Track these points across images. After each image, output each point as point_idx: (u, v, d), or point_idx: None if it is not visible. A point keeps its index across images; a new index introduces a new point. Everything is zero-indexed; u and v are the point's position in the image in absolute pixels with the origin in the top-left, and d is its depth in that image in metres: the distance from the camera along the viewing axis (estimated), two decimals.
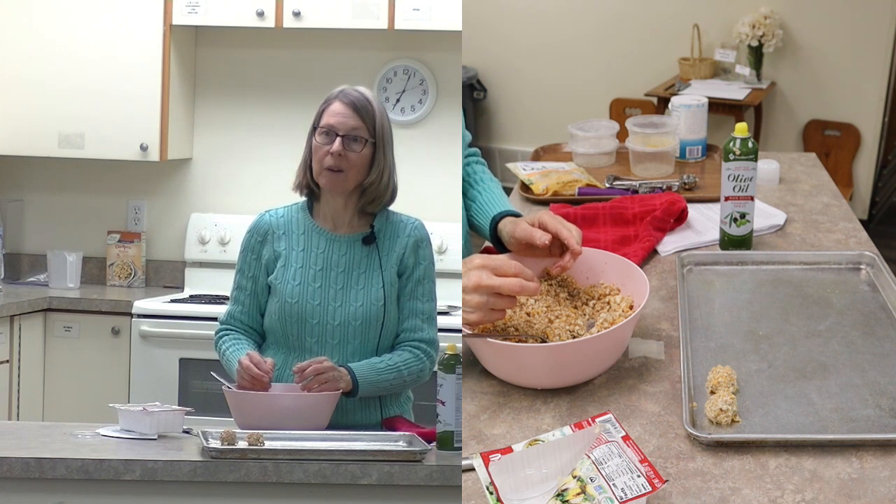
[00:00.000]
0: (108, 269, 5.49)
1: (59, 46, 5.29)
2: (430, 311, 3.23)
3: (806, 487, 2.18)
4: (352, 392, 3.11)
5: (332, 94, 3.21)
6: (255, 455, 2.83)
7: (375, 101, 3.19)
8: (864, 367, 2.62)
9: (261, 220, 3.28)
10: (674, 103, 4.43)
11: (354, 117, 3.15)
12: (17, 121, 5.33)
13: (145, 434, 3.02)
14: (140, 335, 4.95)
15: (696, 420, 2.41)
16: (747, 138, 3.31)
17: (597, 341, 2.55)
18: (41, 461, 2.79)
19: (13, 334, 4.93)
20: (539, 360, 2.54)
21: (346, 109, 3.16)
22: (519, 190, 4.05)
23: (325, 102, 3.20)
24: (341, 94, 3.18)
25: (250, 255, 3.26)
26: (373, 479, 2.82)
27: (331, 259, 3.21)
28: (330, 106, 3.18)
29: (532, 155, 4.53)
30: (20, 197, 5.62)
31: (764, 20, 7.00)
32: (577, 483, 2.09)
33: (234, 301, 3.29)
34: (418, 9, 5.08)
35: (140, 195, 5.57)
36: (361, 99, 3.17)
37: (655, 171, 4.20)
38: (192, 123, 5.51)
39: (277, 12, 5.17)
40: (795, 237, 3.54)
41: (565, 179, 4.01)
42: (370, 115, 3.16)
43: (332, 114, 3.17)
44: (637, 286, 2.75)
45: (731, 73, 7.25)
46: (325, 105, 3.20)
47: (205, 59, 5.50)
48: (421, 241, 3.24)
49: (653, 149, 4.20)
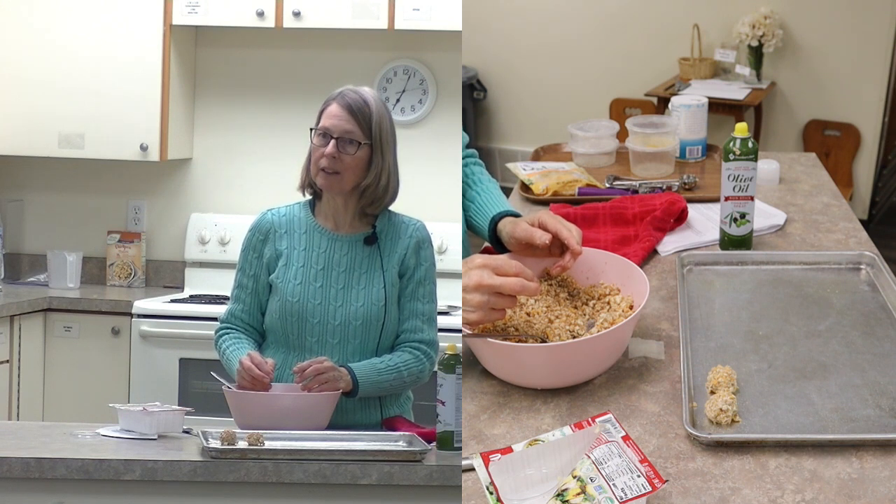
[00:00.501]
0: (108, 269, 5.49)
1: (59, 46, 5.29)
2: (430, 313, 3.24)
3: (806, 487, 2.17)
4: (352, 392, 3.11)
5: (333, 94, 3.21)
6: (255, 455, 2.83)
7: (375, 103, 3.19)
8: (864, 367, 2.62)
9: (263, 218, 3.29)
10: (674, 103, 4.43)
11: (350, 120, 3.15)
12: (17, 121, 5.33)
13: (145, 434, 3.02)
14: (140, 335, 4.95)
15: (696, 420, 2.41)
16: (747, 138, 3.31)
17: (597, 341, 2.55)
18: (41, 461, 2.79)
19: (13, 334, 4.93)
20: (539, 360, 2.54)
21: (342, 112, 3.16)
22: (519, 190, 4.05)
23: (326, 103, 3.21)
24: (340, 96, 3.19)
25: (252, 254, 3.26)
26: (373, 479, 2.82)
27: (332, 258, 3.21)
28: (328, 107, 3.19)
29: (532, 155, 4.52)
30: (20, 197, 5.62)
31: (764, 20, 7.00)
32: (577, 483, 2.09)
33: (234, 300, 3.29)
34: (418, 9, 5.08)
35: (140, 195, 5.57)
36: (358, 101, 3.17)
37: (655, 171, 4.20)
38: (192, 123, 5.51)
39: (277, 12, 5.17)
40: (795, 237, 3.54)
41: (565, 179, 4.01)
42: (366, 117, 3.16)
43: (329, 115, 3.17)
44: (637, 286, 2.75)
45: (731, 73, 7.25)
46: (325, 106, 3.20)
47: (205, 59, 5.50)
48: (422, 242, 3.24)
49: (653, 149, 4.20)
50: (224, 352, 3.24)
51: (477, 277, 2.57)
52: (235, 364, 3.15)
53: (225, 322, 3.29)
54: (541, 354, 2.54)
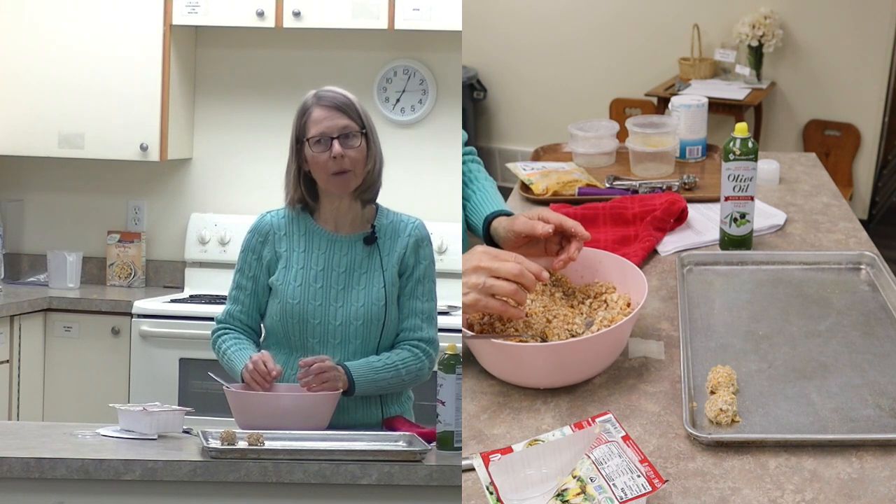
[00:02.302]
0: (108, 269, 5.49)
1: (59, 46, 5.29)
2: (429, 311, 3.24)
3: (806, 487, 2.17)
4: (348, 391, 3.11)
5: (307, 102, 3.18)
6: (255, 455, 2.83)
7: (351, 94, 3.20)
8: (864, 367, 2.62)
9: (262, 220, 3.28)
10: (674, 103, 4.43)
11: (341, 116, 3.16)
12: (17, 121, 5.33)
13: (145, 434, 3.02)
14: (140, 335, 4.95)
15: (696, 420, 2.41)
16: (747, 138, 3.31)
17: (597, 340, 2.55)
18: (41, 461, 2.79)
19: (13, 334, 4.93)
20: (540, 360, 2.54)
21: (329, 112, 3.15)
22: (519, 190, 4.05)
23: (304, 114, 3.18)
24: (318, 100, 3.17)
25: (251, 255, 3.26)
26: (373, 479, 2.82)
27: (332, 259, 3.21)
28: (311, 114, 3.17)
29: (532, 155, 4.52)
30: (20, 197, 5.62)
31: (764, 20, 7.00)
32: (577, 483, 2.09)
33: (233, 301, 3.28)
34: (418, 9, 5.08)
35: (140, 195, 5.57)
36: (338, 96, 3.18)
37: (655, 171, 4.20)
38: (192, 123, 5.51)
39: (277, 12, 5.17)
40: (795, 237, 3.54)
41: (565, 179, 4.01)
42: (353, 108, 3.17)
43: (318, 121, 3.15)
44: (633, 283, 2.75)
45: (731, 73, 7.25)
46: (305, 116, 3.17)
47: (205, 59, 5.50)
48: (421, 240, 3.24)
49: (653, 149, 4.20)
50: (225, 352, 3.24)
51: (476, 260, 2.58)
52: (238, 365, 3.15)
53: (223, 323, 3.29)
54: (541, 354, 2.54)
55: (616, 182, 4.06)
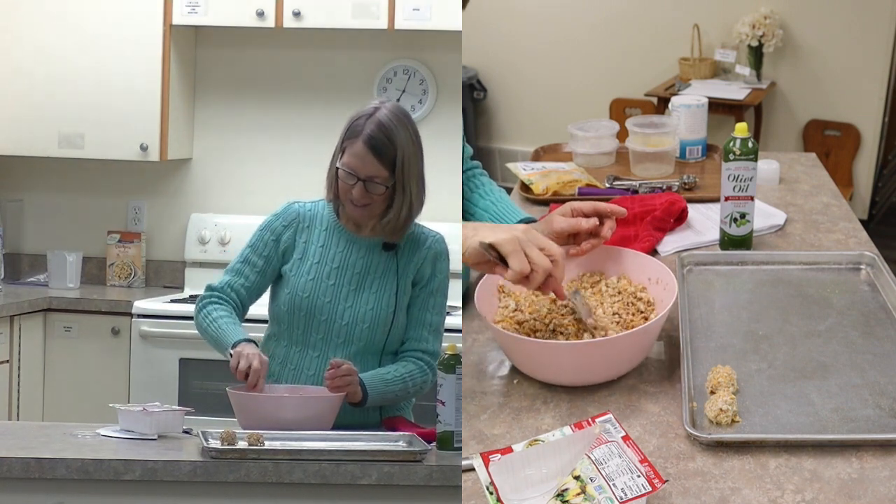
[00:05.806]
0: (108, 269, 5.49)
1: (60, 46, 5.29)
2: (437, 324, 3.25)
3: (806, 487, 2.17)
4: (361, 402, 3.12)
5: (360, 123, 3.12)
6: (255, 455, 2.83)
7: (400, 135, 3.12)
8: (864, 367, 2.62)
9: (289, 207, 3.28)
10: (674, 103, 4.43)
11: (374, 163, 3.11)
12: (17, 121, 5.33)
13: (145, 434, 3.02)
14: (140, 335, 4.95)
15: (696, 420, 2.41)
16: (747, 138, 3.31)
17: (642, 334, 2.57)
18: (41, 461, 2.79)
19: (13, 334, 4.93)
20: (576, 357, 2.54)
21: (366, 153, 3.10)
22: (519, 190, 4.05)
23: (351, 135, 3.13)
24: (366, 136, 3.10)
25: (269, 235, 3.25)
26: (373, 479, 2.82)
27: (348, 259, 3.21)
28: (354, 144, 3.12)
29: (532, 155, 4.52)
30: (20, 197, 5.62)
31: (764, 20, 7.01)
32: (577, 483, 2.09)
33: (236, 273, 3.26)
34: (418, 9, 5.08)
35: (140, 195, 5.57)
36: (383, 140, 3.10)
37: (655, 171, 4.20)
38: (192, 123, 5.51)
39: (277, 12, 5.16)
40: (795, 237, 3.54)
41: (565, 179, 4.01)
42: (389, 157, 3.11)
43: (354, 154, 3.11)
44: (627, 264, 2.79)
45: (731, 73, 7.25)
46: (350, 138, 3.13)
47: (205, 59, 5.50)
48: (440, 254, 3.25)
49: (653, 149, 4.20)
50: (216, 320, 3.20)
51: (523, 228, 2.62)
52: (228, 337, 3.13)
53: (217, 291, 3.25)
54: (572, 351, 2.53)
55: (616, 182, 4.06)
